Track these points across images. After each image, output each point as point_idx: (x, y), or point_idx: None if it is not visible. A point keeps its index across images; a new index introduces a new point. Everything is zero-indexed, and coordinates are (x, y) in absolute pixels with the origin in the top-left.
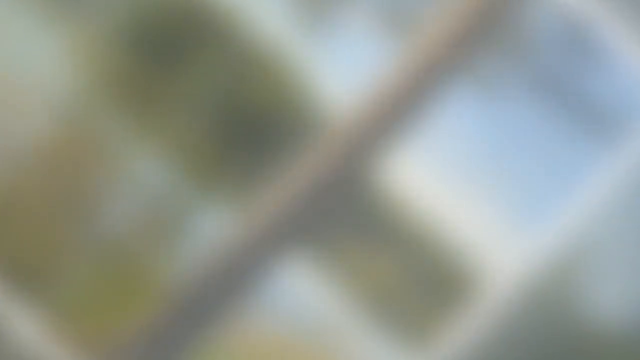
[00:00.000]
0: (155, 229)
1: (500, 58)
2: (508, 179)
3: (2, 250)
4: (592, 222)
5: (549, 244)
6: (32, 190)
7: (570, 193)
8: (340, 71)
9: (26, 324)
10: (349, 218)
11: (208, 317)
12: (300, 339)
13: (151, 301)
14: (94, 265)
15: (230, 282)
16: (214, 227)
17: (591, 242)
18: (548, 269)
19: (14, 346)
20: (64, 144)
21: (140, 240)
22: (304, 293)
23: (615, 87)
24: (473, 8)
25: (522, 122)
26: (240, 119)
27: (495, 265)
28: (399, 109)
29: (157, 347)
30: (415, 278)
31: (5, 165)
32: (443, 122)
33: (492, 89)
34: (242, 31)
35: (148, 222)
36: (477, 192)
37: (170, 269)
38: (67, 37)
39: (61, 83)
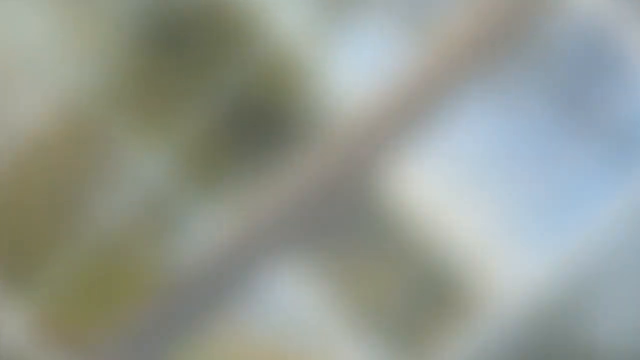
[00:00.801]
0: (151, 227)
1: (520, 68)
2: (518, 193)
3: None
4: (601, 242)
5: (554, 262)
6: (28, 186)
7: (582, 211)
8: (354, 73)
9: (16, 320)
10: (349, 223)
11: (199, 316)
12: (291, 344)
13: (144, 299)
14: (88, 262)
15: (222, 283)
16: (210, 226)
17: (598, 263)
18: (552, 287)
19: (4, 341)
20: (63, 138)
21: (135, 238)
22: (298, 298)
23: (636, 104)
24: (495, 14)
25: (538, 136)
26: (246, 119)
27: (497, 281)
28: (410, 113)
29: (148, 344)
30: (414, 288)
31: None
32: (455, 130)
33: (509, 98)
34: (254, 31)
35: (143, 220)
36: (485, 204)
37: (164, 267)
38: (73, 30)
39: (63, 76)
